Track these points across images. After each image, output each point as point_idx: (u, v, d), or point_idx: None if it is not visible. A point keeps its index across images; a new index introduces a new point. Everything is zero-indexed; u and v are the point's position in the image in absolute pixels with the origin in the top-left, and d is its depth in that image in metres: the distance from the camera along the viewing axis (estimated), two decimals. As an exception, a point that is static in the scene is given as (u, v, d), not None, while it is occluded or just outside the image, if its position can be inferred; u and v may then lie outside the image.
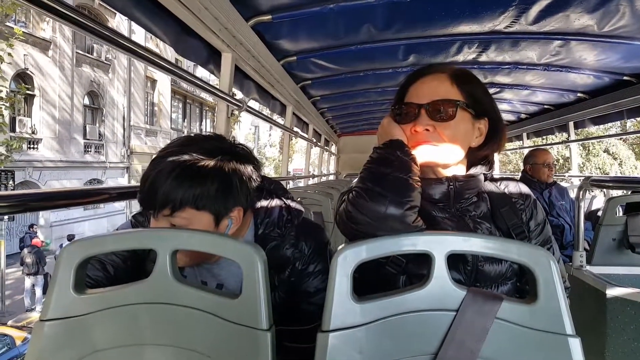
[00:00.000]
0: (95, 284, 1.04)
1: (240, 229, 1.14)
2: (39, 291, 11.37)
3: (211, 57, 2.23)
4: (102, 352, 0.81)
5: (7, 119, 9.61)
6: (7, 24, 9.81)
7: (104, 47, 17.73)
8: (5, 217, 11.27)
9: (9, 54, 10.44)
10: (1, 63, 9.45)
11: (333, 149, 8.72)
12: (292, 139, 5.46)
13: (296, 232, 1.18)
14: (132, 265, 1.12)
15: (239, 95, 2.79)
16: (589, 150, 21.14)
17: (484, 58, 3.08)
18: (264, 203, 1.20)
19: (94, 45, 17.69)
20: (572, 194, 3.57)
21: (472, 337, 0.76)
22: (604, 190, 4.37)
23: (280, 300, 1.13)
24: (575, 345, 0.74)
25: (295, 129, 4.83)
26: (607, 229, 2.07)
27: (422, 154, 1.02)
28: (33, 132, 14.66)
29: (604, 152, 21.58)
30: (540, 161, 3.46)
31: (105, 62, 18.27)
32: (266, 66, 2.74)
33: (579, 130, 4.95)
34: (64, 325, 0.82)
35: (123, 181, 18.96)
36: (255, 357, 0.76)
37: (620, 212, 2.19)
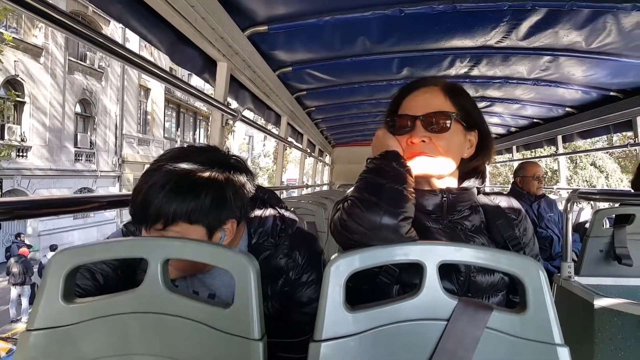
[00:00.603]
0: (84, 293, 1.03)
1: (233, 239, 1.13)
2: (25, 301, 11.13)
3: (206, 66, 2.24)
4: None
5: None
6: (-2, 29, 9.63)
7: (97, 54, 17.67)
8: None
9: None
10: None
11: (327, 159, 8.73)
12: (286, 149, 5.46)
13: (290, 241, 1.18)
14: (123, 275, 1.11)
15: (233, 105, 2.80)
16: (576, 163, 21.42)
17: (475, 72, 3.13)
18: (257, 212, 1.19)
19: (87, 52, 17.62)
20: (561, 206, 3.61)
21: (463, 346, 0.76)
22: (592, 202, 4.42)
23: (273, 310, 1.12)
24: (564, 354, 0.76)
25: (290, 139, 4.85)
26: (595, 241, 2.09)
27: (418, 165, 1.04)
28: (22, 140, 14.47)
29: (591, 165, 21.92)
30: (529, 174, 3.51)
31: (98, 70, 18.17)
32: (262, 76, 2.76)
33: (567, 143, 5.02)
34: (51, 335, 0.80)
35: (114, 190, 18.68)
36: None
37: (607, 224, 2.22)
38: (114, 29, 17.41)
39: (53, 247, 12.58)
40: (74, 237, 16.66)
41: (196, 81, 16.08)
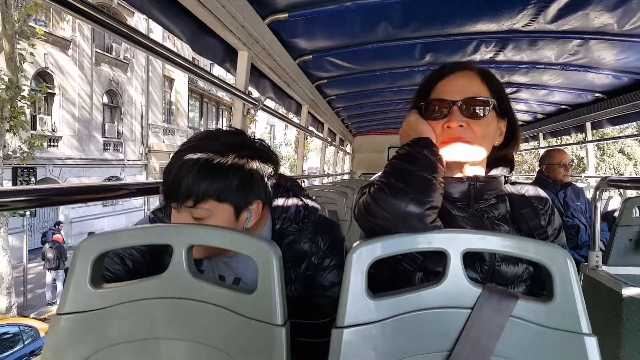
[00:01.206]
0: (114, 277, 1.06)
1: (257, 224, 1.15)
2: (59, 285, 11.57)
3: (227, 56, 2.24)
4: (118, 345, 0.82)
5: (28, 117, 9.72)
6: (29, 23, 9.82)
7: (122, 46, 18.03)
8: (27, 212, 11.51)
9: (31, 54, 10.44)
10: (23, 62, 9.41)
11: (348, 148, 8.72)
12: (307, 138, 5.47)
13: (313, 227, 1.20)
14: (151, 259, 1.14)
15: (254, 93, 2.81)
16: (603, 150, 20.91)
17: (501, 57, 3.06)
18: (281, 199, 1.21)
19: (113, 44, 17.95)
20: (588, 195, 3.53)
21: (487, 335, 0.76)
22: (621, 190, 4.31)
23: (296, 293, 1.15)
24: (592, 344, 0.74)
25: (311, 128, 4.84)
26: (624, 230, 2.04)
27: (455, 150, 1.02)
28: (53, 130, 14.84)
29: (619, 152, 21.41)
30: (556, 161, 3.44)
31: (123, 61, 18.53)
32: (282, 65, 2.75)
33: (595, 130, 4.88)
34: (80, 318, 0.83)
35: (141, 179, 19.15)
36: (270, 352, 0.76)
37: (637, 213, 2.16)
38: (138, 21, 17.68)
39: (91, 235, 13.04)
40: (103, 224, 17.14)
41: (218, 71, 16.26)
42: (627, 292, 1.67)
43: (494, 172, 1.10)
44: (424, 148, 0.97)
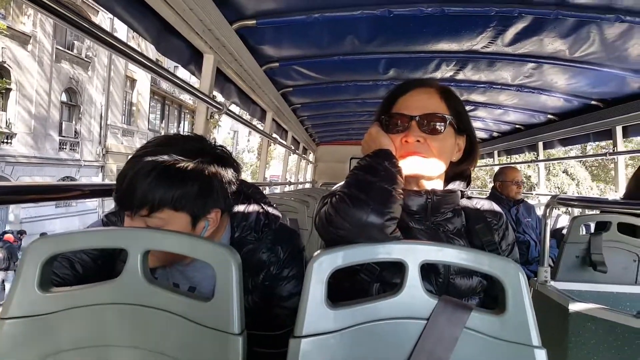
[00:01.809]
0: (62, 282, 1.01)
1: (216, 232, 1.13)
2: (8, 287, 11.09)
3: (193, 58, 2.21)
4: (67, 352, 0.78)
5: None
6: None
7: (85, 44, 17.62)
8: None
9: None
10: None
11: (311, 157, 8.73)
12: (270, 145, 5.44)
13: (273, 236, 1.18)
14: (102, 265, 1.09)
15: (219, 98, 2.77)
16: (549, 170, 22.00)
17: (460, 76, 3.16)
18: (241, 207, 1.19)
19: (75, 42, 17.47)
20: (539, 212, 3.67)
21: (441, 346, 0.77)
22: (569, 209, 4.51)
23: (253, 304, 1.12)
24: (541, 356, 0.77)
25: (274, 135, 4.83)
26: (571, 247, 2.13)
27: (410, 164, 1.04)
28: (8, 127, 14.28)
29: (563, 172, 22.65)
30: (509, 179, 3.56)
31: (85, 59, 18.02)
32: (248, 70, 2.74)
33: (546, 150, 5.11)
34: (26, 323, 0.79)
35: (97, 180, 18.42)
36: None
37: (584, 231, 2.26)
38: (102, 19, 17.06)
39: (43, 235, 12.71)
40: (55, 225, 16.41)
41: (182, 74, 16.02)
42: (574, 307, 1.74)
43: (451, 187, 1.13)
44: (384, 160, 0.99)
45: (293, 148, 6.15)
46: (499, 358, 0.77)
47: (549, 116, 4.12)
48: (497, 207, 1.18)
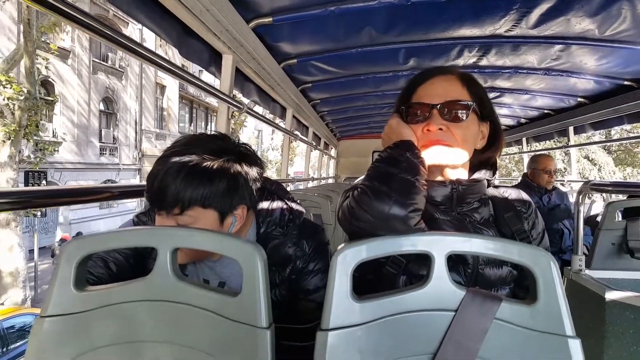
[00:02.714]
0: (97, 281, 1.05)
1: (242, 228, 1.15)
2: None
3: (212, 59, 2.23)
4: (102, 349, 0.81)
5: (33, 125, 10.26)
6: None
7: (118, 55, 19.07)
8: (39, 212, 12.40)
9: (46, 67, 11.74)
10: (39, 75, 10.23)
11: (332, 152, 8.73)
12: (292, 142, 5.47)
13: (298, 231, 1.20)
14: (135, 263, 1.13)
15: (241, 98, 2.79)
16: (569, 155, 21.61)
17: (484, 62, 3.09)
18: (265, 203, 1.21)
19: (109, 53, 19.05)
20: (572, 199, 3.57)
21: (470, 337, 0.76)
22: (603, 195, 4.37)
23: (280, 298, 1.14)
24: (576, 346, 0.74)
25: (295, 131, 4.84)
26: (607, 234, 2.06)
27: (434, 153, 1.02)
28: (54, 136, 15.33)
29: (584, 158, 22.22)
30: (540, 167, 3.50)
31: (119, 69, 19.63)
32: (267, 69, 2.75)
33: (577, 135, 4.95)
34: (63, 321, 0.82)
35: (135, 182, 19.72)
36: (255, 355, 0.76)
37: (619, 217, 2.19)
38: (132, 31, 18.45)
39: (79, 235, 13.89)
40: (99, 225, 17.81)
41: (207, 77, 16.51)
42: (610, 295, 1.68)
43: (476, 176, 1.10)
44: (405, 151, 0.98)
45: (314, 144, 6.17)
46: (530, 348, 0.75)
47: (579, 99, 3.99)
48: (525, 196, 1.15)
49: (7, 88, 9.14)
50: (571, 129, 4.74)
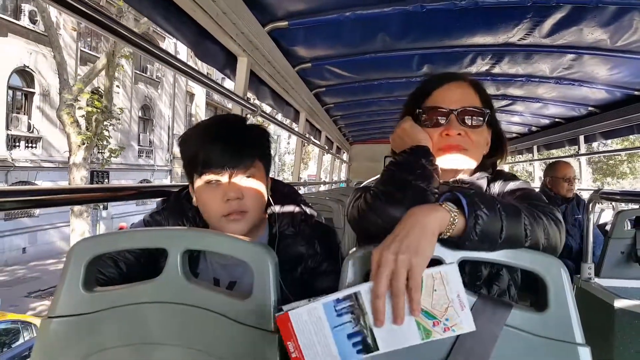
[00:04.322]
0: (108, 281, 1.05)
1: (257, 229, 1.17)
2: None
3: (228, 62, 2.25)
4: (110, 350, 0.81)
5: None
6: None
7: (155, 66, 21.35)
8: (101, 205, 14.56)
9: (117, 86, 14.38)
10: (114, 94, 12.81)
11: (344, 156, 8.72)
12: (305, 145, 5.48)
13: (310, 230, 1.21)
14: (145, 263, 1.13)
15: (255, 101, 2.81)
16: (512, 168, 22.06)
17: (497, 70, 3.08)
18: (278, 205, 1.22)
19: (147, 65, 21.38)
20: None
21: (481, 343, 0.76)
22: (613, 204, 4.33)
23: (294, 298, 1.14)
24: (585, 354, 0.75)
25: (308, 135, 4.85)
26: (616, 242, 2.05)
27: (452, 158, 1.04)
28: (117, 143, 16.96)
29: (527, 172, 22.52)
30: (559, 174, 3.31)
31: (155, 79, 21.99)
32: (281, 72, 2.76)
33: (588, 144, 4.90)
34: (72, 322, 0.82)
35: (166, 182, 21.20)
36: (264, 359, 0.76)
37: (629, 226, 2.18)
38: (168, 45, 20.08)
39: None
40: (135, 220, 18.84)
41: (229, 85, 17.34)
42: (619, 304, 1.68)
43: (476, 175, 1.11)
44: (422, 157, 0.98)
45: (327, 148, 6.17)
46: (541, 355, 0.76)
47: (590, 109, 3.95)
48: (525, 184, 1.12)
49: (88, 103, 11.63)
50: (582, 137, 4.71)
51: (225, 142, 1.08)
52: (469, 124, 1.04)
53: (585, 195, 4.31)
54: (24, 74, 15.00)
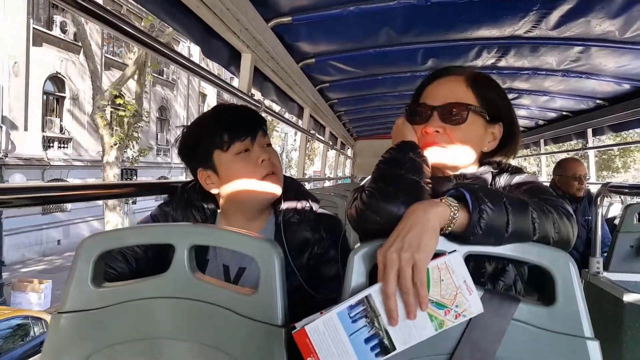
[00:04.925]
0: (119, 275, 1.08)
1: (262, 218, 1.24)
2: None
3: (232, 58, 2.25)
4: (119, 345, 0.82)
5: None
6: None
7: (170, 69, 22.60)
8: (130, 201, 16.22)
9: (145, 92, 16.27)
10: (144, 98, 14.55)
11: (349, 152, 8.71)
12: (309, 142, 5.49)
13: (315, 217, 1.24)
14: (154, 256, 1.15)
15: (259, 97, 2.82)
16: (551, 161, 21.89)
17: (502, 63, 3.06)
18: (282, 195, 1.24)
19: (164, 68, 22.34)
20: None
21: (488, 338, 0.76)
22: (621, 197, 4.29)
23: (300, 283, 1.14)
24: (594, 348, 0.74)
25: (312, 131, 4.85)
26: (625, 236, 2.04)
27: (432, 155, 1.02)
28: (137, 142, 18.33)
29: (555, 163, 22.41)
30: (569, 172, 3.17)
31: (171, 82, 23.35)
32: (285, 68, 2.76)
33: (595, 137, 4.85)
34: (81, 317, 0.83)
35: (182, 178, 22.28)
36: (271, 353, 0.77)
37: (637, 220, 2.16)
38: (182, 48, 21.82)
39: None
40: None
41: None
42: (628, 298, 1.66)
43: (480, 169, 1.09)
44: (408, 151, 0.98)
45: (331, 143, 6.16)
46: (549, 349, 0.75)
47: (598, 101, 3.91)
48: (532, 177, 1.09)
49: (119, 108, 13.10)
50: (589, 131, 4.66)
51: (237, 116, 1.19)
52: (449, 120, 1.02)
53: (593, 190, 4.28)
54: (56, 80, 16.47)
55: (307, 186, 5.28)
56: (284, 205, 1.24)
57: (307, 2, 2.12)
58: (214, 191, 1.21)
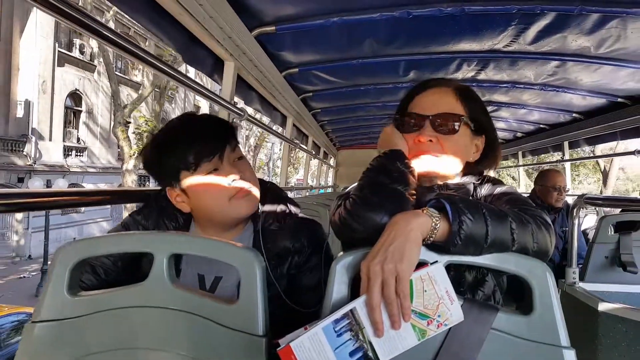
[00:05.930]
0: (87, 288, 1.02)
1: (239, 226, 1.20)
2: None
3: (215, 66, 2.24)
4: (96, 354, 0.80)
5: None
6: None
7: (169, 84, 23.58)
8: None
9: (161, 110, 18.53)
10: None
11: (332, 161, 8.72)
12: (293, 150, 5.48)
13: (295, 224, 1.21)
14: (124, 267, 1.11)
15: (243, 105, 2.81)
16: (499, 174, 22.14)
17: (482, 76, 3.12)
18: (261, 200, 1.21)
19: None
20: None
21: (467, 347, 0.76)
22: (596, 209, 4.39)
23: (280, 293, 1.12)
24: (571, 357, 0.75)
25: (295, 140, 4.84)
26: (600, 247, 2.08)
27: (423, 164, 1.03)
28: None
29: (511, 177, 23.08)
30: (549, 183, 3.23)
31: (170, 95, 23.80)
32: (268, 77, 2.76)
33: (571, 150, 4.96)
34: (56, 327, 0.81)
35: None
36: None
37: (612, 231, 2.21)
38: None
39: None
40: None
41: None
42: (604, 308, 1.69)
43: (463, 180, 1.11)
44: (396, 160, 0.99)
45: (314, 153, 6.16)
46: (526, 358, 0.76)
47: (574, 115, 4.01)
48: (512, 189, 1.10)
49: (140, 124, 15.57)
50: (566, 143, 4.77)
51: (204, 131, 1.11)
52: (442, 130, 1.04)
53: (571, 202, 4.36)
54: (75, 96, 19.39)
55: (290, 195, 5.27)
56: (263, 210, 1.20)
57: (291, 12, 2.13)
58: (185, 210, 1.16)
